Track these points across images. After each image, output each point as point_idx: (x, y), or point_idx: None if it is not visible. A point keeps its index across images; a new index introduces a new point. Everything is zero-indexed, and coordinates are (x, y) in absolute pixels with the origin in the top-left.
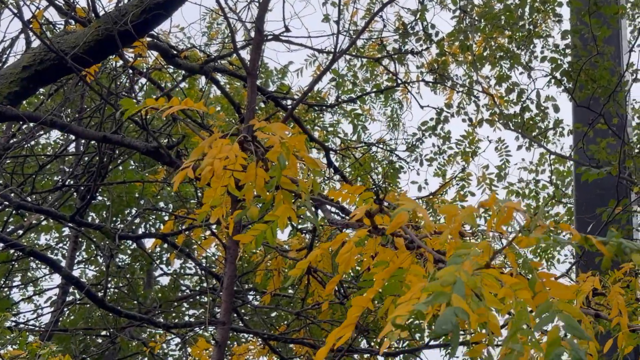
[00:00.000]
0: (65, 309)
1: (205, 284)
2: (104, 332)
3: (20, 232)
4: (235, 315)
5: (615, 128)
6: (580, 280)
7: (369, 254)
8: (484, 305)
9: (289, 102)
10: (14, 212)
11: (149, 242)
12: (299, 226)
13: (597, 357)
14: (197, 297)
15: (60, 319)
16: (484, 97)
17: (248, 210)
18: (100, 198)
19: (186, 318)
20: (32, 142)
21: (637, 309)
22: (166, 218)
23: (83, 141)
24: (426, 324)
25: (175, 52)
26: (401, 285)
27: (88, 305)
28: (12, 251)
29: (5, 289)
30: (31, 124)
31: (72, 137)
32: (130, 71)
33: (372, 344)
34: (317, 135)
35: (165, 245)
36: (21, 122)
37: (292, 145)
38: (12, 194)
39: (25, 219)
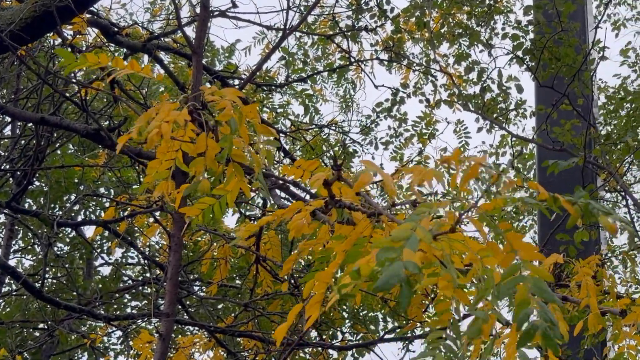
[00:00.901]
0: (1, 300)
1: (148, 274)
2: (41, 325)
3: None
4: (180, 306)
5: (580, 109)
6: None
7: (321, 243)
8: (451, 272)
9: (237, 81)
10: None
11: (89, 230)
12: (247, 213)
13: (567, 337)
14: (140, 288)
15: None
16: (442, 76)
17: (199, 184)
18: (37, 183)
19: (128, 310)
20: None
21: (603, 300)
22: (107, 204)
23: (19, 123)
24: (381, 316)
25: (116, 29)
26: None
27: (25, 297)
28: None
29: None
30: None
31: (8, 119)
32: (69, 49)
33: (324, 337)
34: (266, 116)
35: (107, 233)
36: None
37: (245, 112)
38: None
39: None
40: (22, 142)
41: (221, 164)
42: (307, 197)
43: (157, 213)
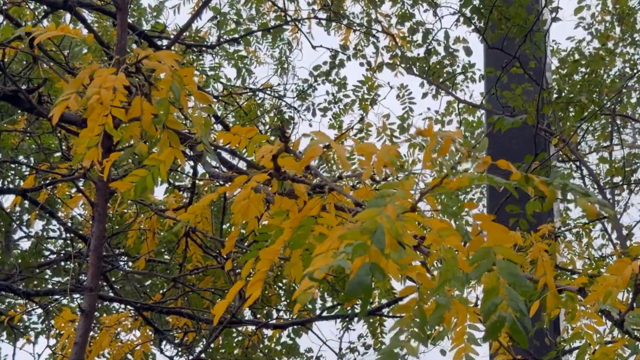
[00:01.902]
0: None
1: (70, 248)
2: None
3: None
4: (104, 282)
5: (532, 72)
6: None
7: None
8: (406, 255)
9: (165, 42)
10: None
11: (7, 201)
12: (177, 183)
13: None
14: (62, 263)
15: None
16: (384, 37)
17: (136, 147)
18: None
19: (50, 286)
20: None
21: (557, 277)
22: (27, 173)
23: None
24: (319, 294)
25: None
26: (310, 237)
27: None
28: None
29: None
30: None
31: None
32: None
33: (259, 315)
34: (196, 80)
35: (27, 205)
36: None
37: (183, 76)
38: None
39: None
40: None
41: (158, 129)
42: (242, 165)
43: (80, 182)
